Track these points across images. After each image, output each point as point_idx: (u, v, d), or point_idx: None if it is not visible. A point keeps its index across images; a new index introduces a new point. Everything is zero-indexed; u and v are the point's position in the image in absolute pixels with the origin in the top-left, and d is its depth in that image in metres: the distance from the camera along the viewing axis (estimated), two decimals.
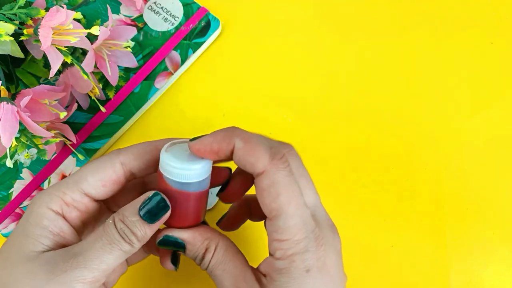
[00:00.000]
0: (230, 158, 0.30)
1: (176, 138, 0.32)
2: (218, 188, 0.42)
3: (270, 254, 0.29)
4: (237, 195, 0.34)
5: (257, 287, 0.29)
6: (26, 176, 0.42)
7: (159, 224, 0.30)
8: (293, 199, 0.28)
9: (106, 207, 0.34)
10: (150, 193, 0.29)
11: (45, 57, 0.43)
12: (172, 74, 0.46)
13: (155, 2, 0.47)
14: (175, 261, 0.33)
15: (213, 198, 0.42)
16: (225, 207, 0.41)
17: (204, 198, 0.31)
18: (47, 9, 0.36)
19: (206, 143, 0.30)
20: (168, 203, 0.29)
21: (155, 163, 0.31)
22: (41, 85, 0.37)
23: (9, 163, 0.36)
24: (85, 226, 0.32)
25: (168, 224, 0.31)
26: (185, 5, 0.47)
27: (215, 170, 0.32)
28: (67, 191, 0.30)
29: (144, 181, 0.35)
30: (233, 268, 0.30)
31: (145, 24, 0.47)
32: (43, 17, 0.35)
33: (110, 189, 0.31)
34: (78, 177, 0.30)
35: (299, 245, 0.28)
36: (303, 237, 0.28)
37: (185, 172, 0.29)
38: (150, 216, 0.29)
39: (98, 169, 0.30)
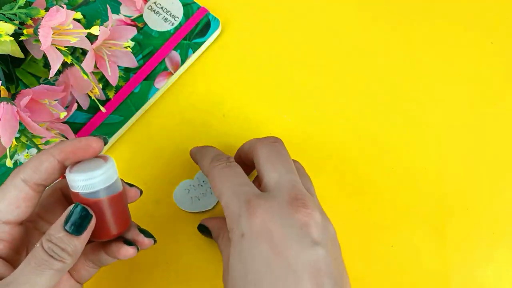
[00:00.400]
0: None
1: (65, 141, 0.32)
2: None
3: None
4: None
5: None
6: None
7: (87, 234, 0.30)
8: (225, 183, 0.34)
9: (35, 228, 0.34)
10: (71, 207, 0.30)
11: (45, 57, 0.43)
12: (172, 74, 0.46)
13: (155, 2, 0.47)
14: (130, 243, 0.34)
15: (213, 199, 0.42)
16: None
17: (122, 201, 0.33)
18: (47, 9, 0.36)
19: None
20: (90, 211, 0.30)
21: (55, 169, 0.31)
22: (41, 85, 0.37)
23: (9, 163, 0.36)
24: (18, 254, 0.32)
25: (97, 236, 0.32)
26: (185, 5, 0.47)
27: (127, 189, 0.34)
28: None
29: (63, 193, 0.35)
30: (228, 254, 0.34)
31: (145, 24, 0.47)
32: (43, 17, 0.35)
33: (25, 208, 0.31)
34: None
35: (234, 215, 0.33)
36: (237, 207, 0.33)
37: (90, 181, 0.30)
38: (76, 227, 0.29)
39: (4, 194, 0.30)
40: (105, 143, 0.32)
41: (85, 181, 0.30)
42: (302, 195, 0.33)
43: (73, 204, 0.30)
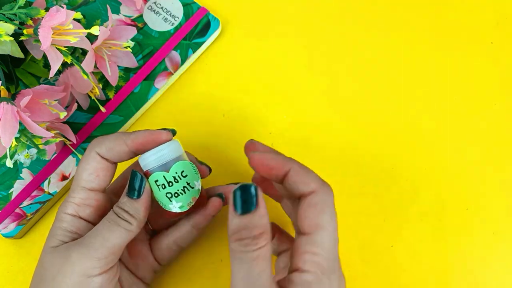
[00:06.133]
0: (279, 179, 0.33)
1: (137, 132, 0.35)
2: None
3: (294, 270, 0.30)
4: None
5: None
6: (26, 176, 0.42)
7: (146, 197, 0.34)
8: (333, 220, 0.31)
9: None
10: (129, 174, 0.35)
11: (45, 57, 0.43)
12: (172, 74, 0.46)
13: (155, 2, 0.47)
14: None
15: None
16: None
17: None
18: (47, 9, 0.36)
19: (267, 158, 0.33)
20: (142, 175, 0.34)
21: (125, 154, 0.35)
22: (41, 85, 0.37)
23: (9, 163, 0.36)
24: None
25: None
26: (185, 5, 0.47)
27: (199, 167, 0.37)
28: (74, 194, 0.35)
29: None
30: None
31: (145, 24, 0.47)
32: (43, 17, 0.35)
33: (103, 177, 0.35)
34: (76, 179, 0.35)
35: (329, 264, 0.30)
36: (333, 258, 0.30)
37: (159, 153, 0.34)
38: (133, 191, 0.34)
39: (85, 165, 0.35)
40: (174, 135, 0.35)
41: (154, 155, 0.34)
42: None
43: (130, 171, 0.34)
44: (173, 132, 0.35)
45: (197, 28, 0.47)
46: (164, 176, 0.34)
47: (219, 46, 0.48)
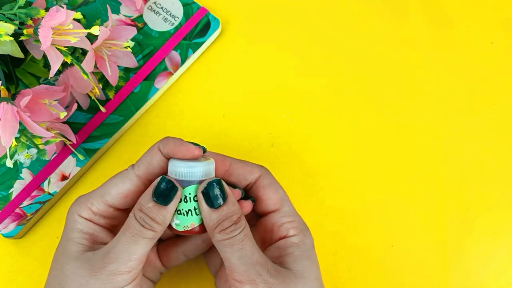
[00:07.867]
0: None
1: (168, 138, 0.34)
2: None
3: (280, 238, 0.35)
4: None
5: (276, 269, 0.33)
6: (26, 176, 0.42)
7: (174, 205, 0.32)
8: (284, 192, 0.36)
9: None
10: (158, 179, 0.32)
11: (45, 57, 0.42)
12: (172, 74, 0.46)
13: (155, 2, 0.47)
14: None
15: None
16: None
17: None
18: (47, 9, 0.36)
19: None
20: (176, 183, 0.32)
21: (163, 162, 0.34)
22: (41, 85, 0.37)
23: (9, 163, 0.36)
24: (118, 228, 0.34)
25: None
26: (185, 5, 0.47)
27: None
28: (94, 202, 0.33)
29: None
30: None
31: (145, 24, 0.47)
32: (43, 17, 0.35)
33: (131, 199, 0.34)
34: (103, 191, 0.34)
35: (300, 224, 0.35)
36: (299, 217, 0.36)
37: (191, 169, 0.32)
38: (163, 198, 0.32)
39: (118, 183, 0.34)
40: (204, 152, 0.34)
41: (186, 168, 0.32)
42: None
43: (160, 176, 0.32)
44: (204, 150, 0.34)
45: (197, 28, 0.47)
46: None
47: (219, 46, 0.48)
